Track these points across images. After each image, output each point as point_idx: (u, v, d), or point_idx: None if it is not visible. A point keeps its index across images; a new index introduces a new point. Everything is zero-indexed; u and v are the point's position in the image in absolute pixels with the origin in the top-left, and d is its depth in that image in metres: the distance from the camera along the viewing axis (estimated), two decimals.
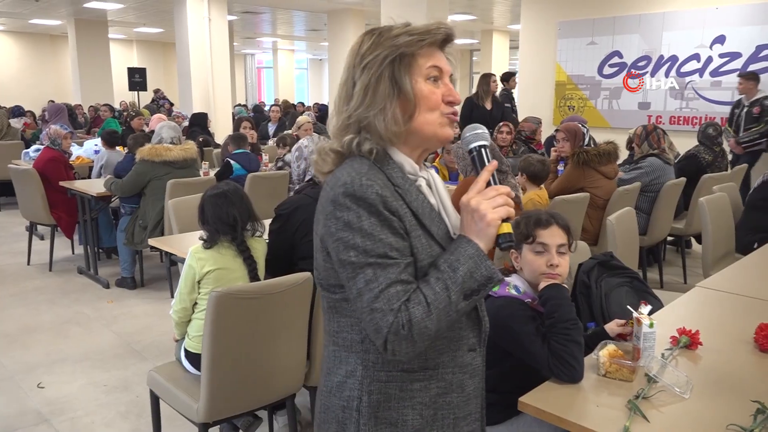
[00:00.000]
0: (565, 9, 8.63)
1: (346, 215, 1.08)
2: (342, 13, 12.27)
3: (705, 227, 3.66)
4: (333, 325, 1.20)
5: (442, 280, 1.08)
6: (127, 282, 4.91)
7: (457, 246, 1.12)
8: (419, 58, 1.15)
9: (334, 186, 1.11)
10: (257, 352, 2.22)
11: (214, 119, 10.55)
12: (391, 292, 1.06)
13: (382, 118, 1.13)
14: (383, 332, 1.05)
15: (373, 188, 1.08)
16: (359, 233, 1.07)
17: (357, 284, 1.08)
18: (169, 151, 4.60)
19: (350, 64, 1.18)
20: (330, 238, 1.10)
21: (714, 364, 1.77)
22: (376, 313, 1.05)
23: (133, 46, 20.04)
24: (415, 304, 1.06)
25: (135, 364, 3.59)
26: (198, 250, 2.42)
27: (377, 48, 1.14)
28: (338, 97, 1.20)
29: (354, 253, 1.07)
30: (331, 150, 1.18)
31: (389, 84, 1.13)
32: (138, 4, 12.42)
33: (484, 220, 1.11)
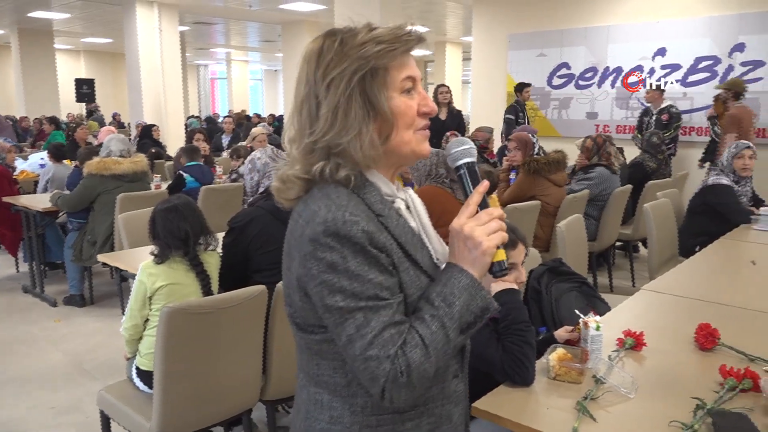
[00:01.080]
0: (514, 22, 8.84)
1: (329, 256, 0.97)
2: (296, 24, 12.26)
3: (650, 232, 3.80)
4: (312, 367, 1.10)
5: (438, 318, 1.00)
6: (76, 300, 4.76)
7: (449, 277, 1.03)
8: (392, 70, 1.04)
9: (312, 222, 0.99)
10: (211, 368, 2.19)
11: (166, 131, 10.37)
12: (385, 336, 0.96)
13: (358, 144, 1.01)
14: (380, 381, 0.96)
15: (358, 225, 0.97)
16: (345, 275, 0.97)
17: (347, 330, 0.98)
18: (119, 164, 4.50)
19: (310, 76, 1.05)
20: (311, 281, 0.99)
21: (657, 364, 1.83)
22: (371, 362, 0.96)
23: (80, 56, 19.52)
24: (412, 347, 0.97)
25: (85, 384, 3.48)
26: (149, 266, 2.38)
27: (343, 60, 1.01)
28: (297, 113, 1.07)
29: (341, 297, 0.97)
30: (297, 177, 1.05)
31: (362, 104, 1.02)
32: (85, 14, 12.13)
33: (480, 248, 1.02)
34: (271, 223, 2.61)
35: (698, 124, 7.30)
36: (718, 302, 2.39)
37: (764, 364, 1.79)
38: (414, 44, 1.05)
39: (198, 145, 5.78)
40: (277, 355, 2.42)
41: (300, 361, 1.14)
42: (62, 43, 16.90)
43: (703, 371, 1.77)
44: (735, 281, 2.79)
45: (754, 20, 6.81)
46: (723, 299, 2.42)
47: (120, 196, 4.35)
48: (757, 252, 3.20)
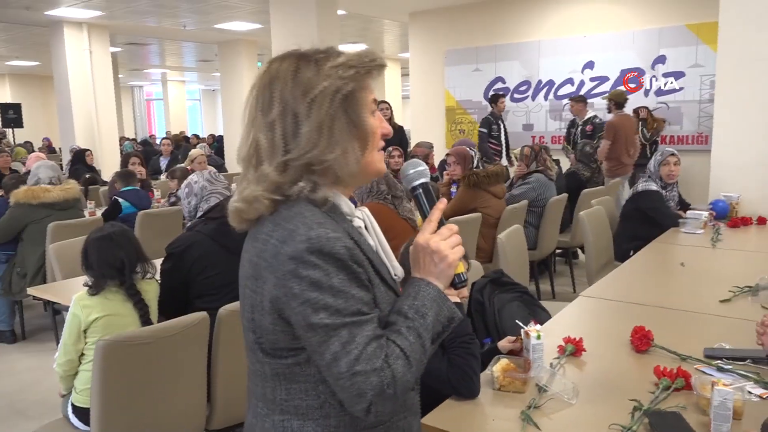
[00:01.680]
0: (450, 38, 9.05)
1: (313, 273, 0.97)
2: (233, 43, 12.15)
3: (586, 239, 3.93)
4: (279, 393, 1.08)
5: (414, 329, 1.03)
6: (6, 336, 4.51)
7: (418, 290, 1.07)
8: (364, 91, 1.08)
9: (290, 240, 0.99)
10: (152, 400, 2.11)
11: (101, 155, 10.04)
12: (369, 351, 0.98)
13: (344, 161, 1.04)
14: (367, 396, 0.98)
15: (341, 241, 0.99)
16: (329, 292, 0.98)
17: (331, 348, 0.98)
18: (48, 192, 4.32)
19: (285, 94, 1.05)
20: (292, 300, 0.99)
21: (597, 369, 1.89)
22: (358, 377, 0.97)
23: (5, 80, 18.68)
24: (395, 358, 1.00)
25: (18, 424, 3.29)
26: (83, 297, 2.29)
27: (322, 80, 1.04)
28: (267, 131, 1.05)
29: (326, 314, 0.98)
30: (267, 198, 1.04)
31: (346, 123, 1.05)
32: (9, 36, 11.65)
33: (446, 261, 1.08)
34: (211, 247, 2.56)
35: None
36: (651, 305, 2.49)
37: (695, 362, 1.88)
38: (381, 70, 1.10)
39: (134, 169, 5.62)
40: (222, 382, 2.36)
41: (259, 390, 1.12)
42: None
43: (640, 373, 1.84)
44: (666, 283, 2.91)
45: (673, 34, 7.21)
46: (656, 301, 2.53)
47: (51, 225, 4.17)
48: (685, 254, 3.36)
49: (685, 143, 7.20)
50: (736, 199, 4.28)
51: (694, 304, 2.48)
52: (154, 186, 6.26)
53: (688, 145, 7.15)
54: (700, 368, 1.83)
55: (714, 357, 1.90)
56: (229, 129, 12.33)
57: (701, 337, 2.08)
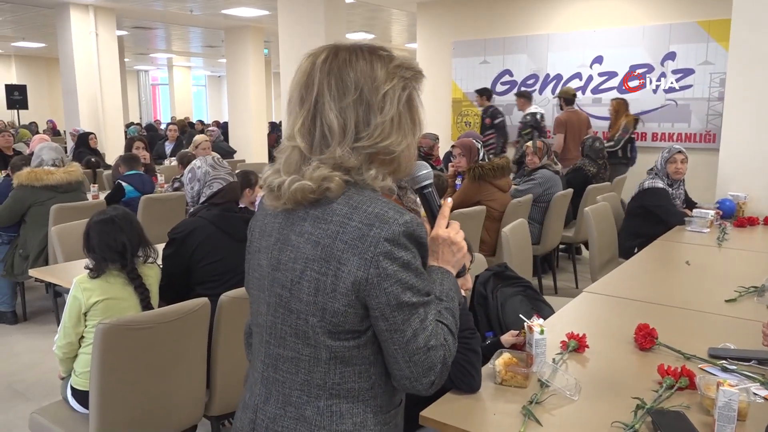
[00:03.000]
0: (458, 29, 8.98)
1: (405, 255, 1.05)
2: (240, 29, 12.08)
3: (591, 235, 3.91)
4: (332, 377, 1.11)
5: (449, 309, 1.15)
6: (7, 317, 4.51)
7: (442, 277, 1.19)
8: (416, 93, 1.18)
9: (381, 223, 1.04)
10: (152, 385, 2.10)
11: (105, 139, 10.02)
12: (438, 328, 1.11)
13: (408, 153, 1.14)
14: (437, 368, 1.09)
15: (422, 227, 1.09)
16: (415, 273, 1.07)
17: (412, 325, 1.07)
18: (51, 174, 4.30)
19: (357, 85, 1.08)
20: (386, 280, 1.04)
21: (599, 365, 1.87)
22: (432, 351, 1.08)
23: (11, 61, 18.65)
24: (446, 334, 1.12)
25: (17, 406, 3.30)
26: (83, 280, 2.27)
27: (391, 77, 1.11)
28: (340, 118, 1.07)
29: (411, 293, 1.07)
30: (342, 179, 1.07)
31: (410, 118, 1.14)
32: (16, 18, 11.60)
33: (462, 251, 1.23)
34: (214, 233, 2.54)
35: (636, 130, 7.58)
36: (655, 302, 2.47)
37: (699, 362, 1.86)
38: (423, 79, 1.20)
39: (138, 154, 5.60)
40: (222, 369, 2.35)
41: (300, 377, 1.13)
42: None
43: (643, 371, 1.82)
44: (671, 281, 2.89)
45: (683, 30, 7.14)
46: (660, 299, 2.51)
47: (53, 207, 4.16)
48: (691, 252, 3.33)
49: (693, 141, 7.15)
50: (744, 199, 4.25)
51: (699, 304, 2.46)
52: (158, 171, 6.24)
53: (696, 143, 7.10)
54: (704, 368, 1.81)
55: (719, 357, 1.88)
56: (234, 115, 12.29)
57: (706, 337, 2.07)
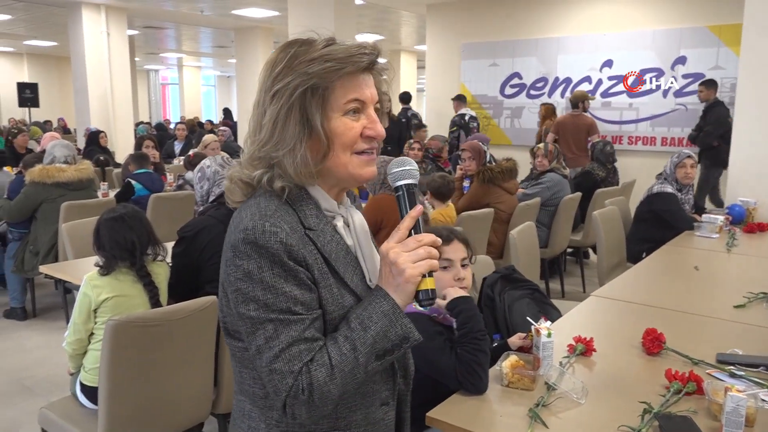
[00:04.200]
0: (467, 32, 8.98)
1: (246, 264, 0.97)
2: (249, 30, 12.13)
3: (599, 239, 3.90)
4: (237, 375, 1.11)
5: (350, 340, 0.98)
6: (17, 313, 4.55)
7: (371, 301, 1.01)
8: (336, 90, 1.02)
9: (236, 229, 1.01)
10: (160, 382, 2.12)
11: (115, 137, 10.08)
12: (292, 351, 0.96)
13: (291, 159, 1.02)
14: (282, 395, 0.97)
15: (277, 236, 0.97)
16: (260, 285, 0.97)
17: (256, 340, 0.98)
18: (62, 171, 4.33)
19: (262, 84, 1.05)
20: (229, 286, 1.01)
21: (607, 369, 1.87)
22: (275, 374, 0.97)
23: (23, 59, 18.80)
24: (319, 365, 0.97)
25: (25, 401, 3.32)
26: (93, 277, 2.29)
27: (289, 73, 1.01)
28: (252, 120, 1.08)
29: (254, 306, 0.97)
30: (241, 180, 1.07)
31: (299, 120, 1.01)
32: (28, 16, 11.69)
33: (403, 275, 0.99)
34: (222, 232, 2.54)
35: (643, 134, 7.57)
36: (663, 307, 2.46)
37: (707, 367, 1.85)
38: (364, 65, 1.03)
39: (147, 152, 5.63)
40: (230, 367, 2.36)
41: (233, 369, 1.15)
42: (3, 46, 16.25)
43: (650, 375, 1.82)
44: (679, 286, 2.88)
45: (694, 35, 7.11)
46: (668, 304, 2.50)
47: (64, 204, 4.19)
48: (699, 258, 3.32)
49: None
50: (754, 205, 4.22)
51: (708, 309, 2.45)
52: (168, 170, 6.27)
53: None
54: (712, 373, 1.81)
55: (727, 362, 1.87)
56: (243, 116, 12.33)
57: (714, 342, 2.06)
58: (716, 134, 6.27)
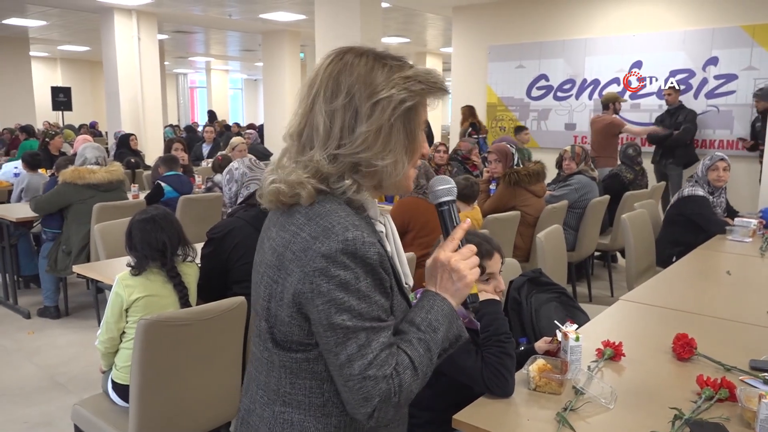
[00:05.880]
0: (494, 34, 8.94)
1: (343, 274, 0.98)
2: (277, 33, 12.25)
3: (628, 242, 3.84)
4: (284, 386, 1.09)
5: (424, 342, 1.04)
6: (50, 311, 4.66)
7: (432, 304, 1.08)
8: (423, 108, 1.08)
9: (325, 238, 0.99)
10: (189, 381, 2.15)
11: (144, 140, 10.26)
12: (382, 357, 1.00)
13: (393, 170, 1.05)
14: (374, 401, 0.99)
15: (375, 247, 1.00)
16: (356, 295, 0.98)
17: (348, 350, 0.99)
18: (93, 173, 4.43)
19: (353, 89, 1.04)
20: (318, 297, 0.99)
21: (636, 374, 1.85)
22: (368, 381, 0.98)
23: (57, 64, 19.26)
24: (404, 368, 1.01)
25: (59, 397, 3.40)
26: (125, 277, 2.34)
27: (391, 86, 1.03)
28: (326, 119, 1.04)
29: (348, 316, 0.98)
30: (312, 186, 1.03)
31: (404, 133, 1.05)
32: (62, 22, 11.99)
33: (464, 281, 1.09)
34: (251, 233, 2.59)
35: None
36: (694, 312, 2.42)
37: (740, 373, 1.82)
38: (443, 95, 1.10)
39: (177, 155, 5.73)
40: None
41: (263, 378, 1.12)
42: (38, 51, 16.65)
43: (681, 381, 1.79)
44: (711, 291, 2.83)
45: (726, 35, 6.97)
46: (699, 309, 2.46)
47: (96, 206, 4.28)
48: (732, 262, 3.25)
49: (736, 148, 6.96)
50: None
51: (740, 314, 2.40)
52: (196, 172, 6.37)
53: (739, 151, 6.91)
54: (745, 380, 1.77)
55: (760, 369, 1.83)
56: (270, 119, 12.45)
57: (747, 348, 2.02)
58: (693, 131, 6.75)
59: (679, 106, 6.88)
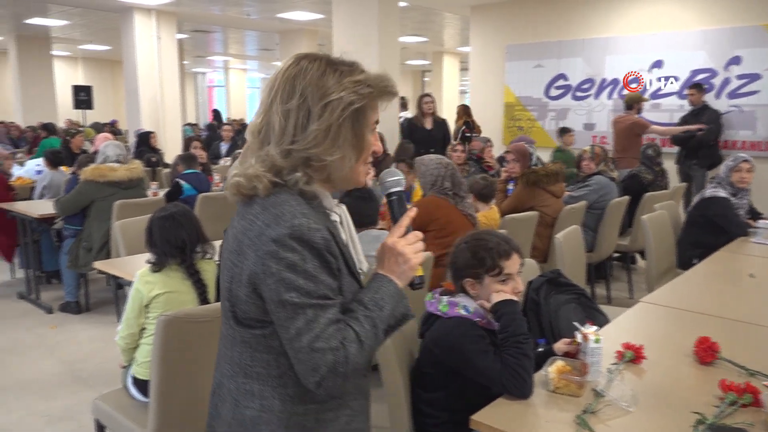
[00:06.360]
0: (512, 33, 8.89)
1: (291, 257, 1.08)
2: (294, 33, 12.30)
3: (648, 244, 3.80)
4: (245, 359, 1.20)
5: (371, 318, 1.14)
6: (72, 306, 4.73)
7: (380, 285, 1.19)
8: (371, 110, 1.19)
9: (275, 225, 1.10)
10: (208, 376, 2.16)
11: (164, 138, 10.35)
12: (329, 332, 1.09)
13: (340, 165, 1.16)
14: (321, 371, 1.09)
15: (320, 233, 1.11)
16: (303, 275, 1.09)
17: (296, 324, 1.09)
18: (114, 171, 4.48)
19: (306, 90, 1.14)
20: (269, 277, 1.10)
21: (657, 378, 1.83)
22: (316, 353, 1.08)
23: (78, 63, 19.51)
24: (350, 341, 1.11)
25: (79, 392, 3.45)
26: (146, 274, 2.37)
27: (341, 89, 1.14)
28: (282, 118, 1.15)
29: (296, 294, 1.09)
30: (267, 179, 1.15)
31: (351, 132, 1.16)
32: (84, 21, 12.13)
33: (408, 263, 1.20)
34: None
35: None
36: (717, 315, 2.38)
37: (764, 378, 1.79)
38: (391, 98, 1.21)
39: (195, 153, 5.77)
40: None
41: (228, 353, 1.24)
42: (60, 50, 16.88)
43: (703, 385, 1.76)
44: (734, 294, 2.79)
45: (749, 34, 6.86)
46: (722, 312, 2.42)
47: (117, 203, 4.33)
48: (755, 265, 3.20)
49: (759, 149, 6.85)
50: None
51: (764, 318, 2.36)
52: (214, 170, 6.41)
53: (762, 152, 6.80)
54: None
55: None
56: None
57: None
58: (717, 132, 6.66)
59: (702, 106, 6.75)
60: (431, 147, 6.22)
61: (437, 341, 1.87)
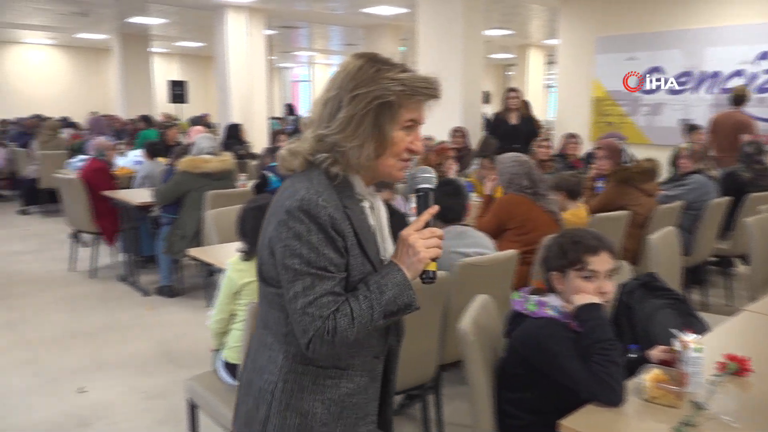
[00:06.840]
0: (603, 24, 8.54)
1: (298, 227, 1.21)
2: (379, 28, 12.37)
3: (752, 248, 3.55)
4: (265, 313, 1.36)
5: (369, 299, 1.22)
6: (166, 290, 4.99)
7: (388, 271, 1.26)
8: (403, 110, 1.26)
9: (291, 197, 1.23)
10: None
11: (252, 131, 10.72)
12: (323, 300, 1.20)
13: (358, 153, 1.25)
14: (309, 334, 1.20)
15: (326, 210, 1.21)
16: (306, 245, 1.20)
17: (295, 288, 1.21)
18: (207, 163, 4.68)
19: (342, 83, 1.26)
20: (278, 242, 1.23)
21: (764, 392, 1.70)
22: (307, 317, 1.20)
23: (174, 59, 20.54)
24: (342, 315, 1.20)
25: (172, 371, 3.64)
26: (237, 262, 2.46)
27: (371, 83, 1.24)
28: (322, 105, 1.29)
29: (298, 261, 1.20)
30: (303, 157, 1.29)
31: (372, 125, 1.25)
32: (180, 20, 12.75)
33: (417, 256, 1.26)
34: None
35: None
36: None
37: None
38: (427, 99, 1.29)
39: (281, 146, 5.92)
40: None
41: (261, 308, 1.39)
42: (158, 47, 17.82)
43: None
44: None
45: None
46: None
47: (210, 193, 4.53)
48: None
49: None
50: None
51: None
52: None
53: None
54: None
55: None
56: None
57: None
58: None
59: None
60: (516, 143, 6.09)
61: (524, 341, 1.82)
